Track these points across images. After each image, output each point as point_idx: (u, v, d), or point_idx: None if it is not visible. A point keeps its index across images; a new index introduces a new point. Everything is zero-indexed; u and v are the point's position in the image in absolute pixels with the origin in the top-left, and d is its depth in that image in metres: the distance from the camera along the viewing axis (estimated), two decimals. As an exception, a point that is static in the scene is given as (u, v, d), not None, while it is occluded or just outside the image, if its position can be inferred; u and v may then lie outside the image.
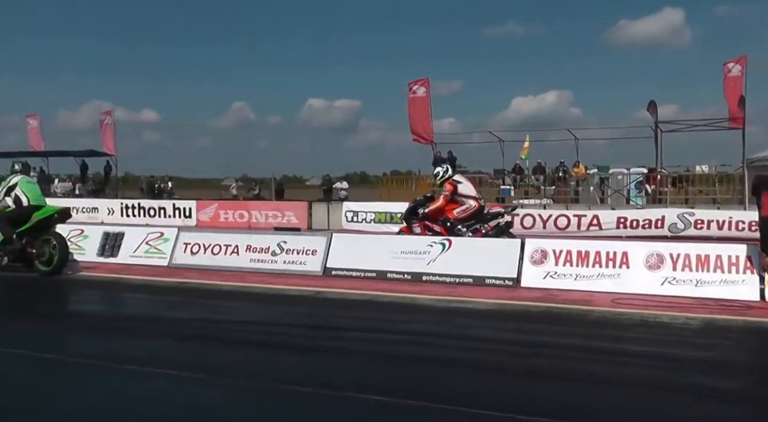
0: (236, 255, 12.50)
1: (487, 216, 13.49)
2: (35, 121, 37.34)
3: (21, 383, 5.81)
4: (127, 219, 24.94)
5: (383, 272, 11.27)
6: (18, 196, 11.84)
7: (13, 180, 12.09)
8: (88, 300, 10.39)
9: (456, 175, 13.86)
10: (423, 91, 27.33)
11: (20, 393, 5.46)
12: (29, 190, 12.04)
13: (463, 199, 13.35)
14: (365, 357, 6.41)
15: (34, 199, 11.96)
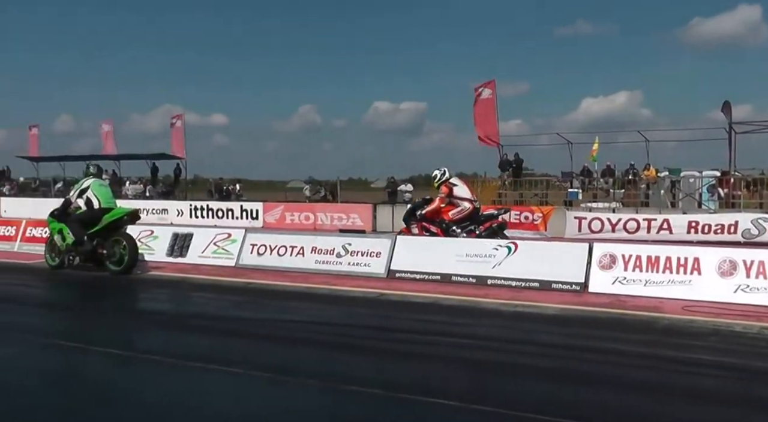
0: (301, 256, 12.65)
1: (480, 218, 14.19)
2: (108, 126, 38.54)
3: (92, 378, 6.04)
4: (195, 221, 25.52)
5: (447, 275, 11.24)
6: (89, 199, 12.25)
7: (86, 183, 12.52)
8: (156, 298, 10.66)
9: (453, 178, 14.45)
10: (489, 93, 27.14)
11: (92, 387, 5.66)
12: (101, 192, 12.43)
13: (459, 201, 14.01)
14: (430, 360, 6.39)
15: (105, 202, 12.34)
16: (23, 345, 7.08)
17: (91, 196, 12.29)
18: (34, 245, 15.46)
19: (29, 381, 5.77)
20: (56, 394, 5.42)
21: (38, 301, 10.54)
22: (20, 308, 9.61)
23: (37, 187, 40.32)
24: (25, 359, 6.56)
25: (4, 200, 33.88)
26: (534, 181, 27.11)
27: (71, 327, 8.57)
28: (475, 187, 26.37)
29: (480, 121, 27.39)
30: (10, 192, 37.93)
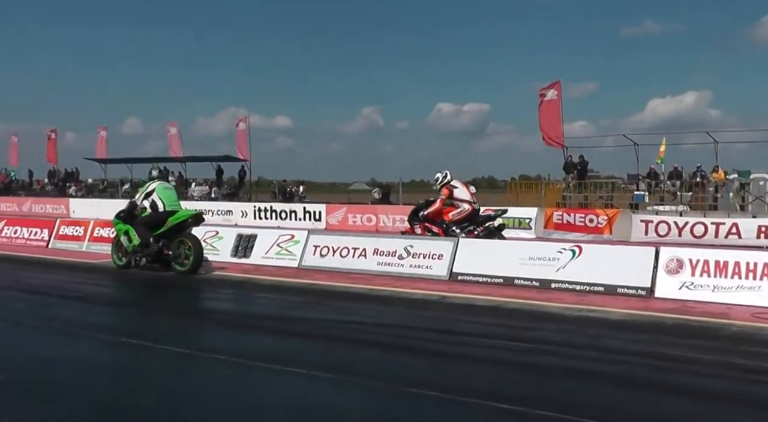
0: (364, 258, 12.70)
1: (479, 219, 14.68)
2: (175, 129, 39.34)
3: (158, 376, 6.16)
4: (259, 222, 25.85)
5: (510, 278, 11.13)
6: (155, 202, 12.56)
7: (151, 186, 12.83)
8: (221, 298, 10.84)
9: (453, 181, 15.02)
10: (554, 94, 26.79)
11: (158, 385, 5.79)
12: (165, 195, 12.72)
13: (458, 202, 14.62)
14: (493, 364, 6.35)
15: (169, 204, 12.62)
16: (92, 343, 7.30)
17: (156, 198, 12.59)
18: (102, 245, 15.91)
19: (97, 379, 5.94)
20: (123, 391, 5.56)
21: (106, 300, 10.84)
22: (89, 306, 9.91)
23: (105, 188, 41.45)
24: (93, 356, 6.75)
25: (73, 201, 34.93)
26: (599, 184, 26.63)
27: (138, 325, 8.77)
28: (538, 190, 26.27)
29: (545, 122, 27.05)
30: (78, 193, 39.08)
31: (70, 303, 10.06)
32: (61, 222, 18.22)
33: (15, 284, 11.86)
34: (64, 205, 34.33)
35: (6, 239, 18.68)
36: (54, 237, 17.61)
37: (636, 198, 25.56)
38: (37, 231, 18.24)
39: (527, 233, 20.43)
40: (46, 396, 5.34)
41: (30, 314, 8.93)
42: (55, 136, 43.96)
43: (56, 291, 11.03)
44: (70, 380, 5.85)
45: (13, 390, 5.49)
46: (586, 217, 20.19)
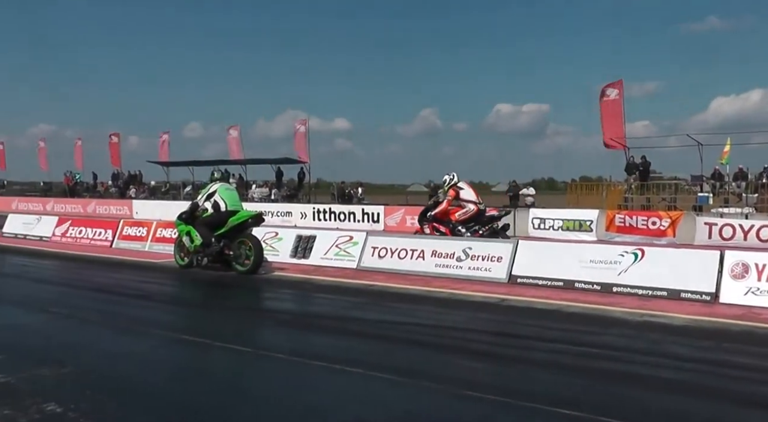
0: (422, 259, 12.68)
1: (484, 219, 15.44)
2: (236, 131, 39.94)
3: (218, 373, 6.26)
4: (318, 223, 26.08)
5: (571, 281, 10.97)
6: (217, 202, 12.79)
7: (213, 187, 13.09)
8: (280, 298, 10.95)
9: (460, 183, 15.79)
10: (616, 94, 26.36)
11: (218, 382, 5.86)
12: (227, 196, 12.93)
13: (464, 203, 15.45)
14: (553, 369, 6.25)
15: (231, 205, 12.83)
16: (154, 340, 7.45)
17: (218, 199, 12.82)
18: (164, 245, 16.25)
19: (159, 375, 6.07)
20: (183, 387, 5.66)
21: (168, 298, 11.07)
22: (152, 304, 10.13)
23: (167, 191, 42.30)
24: (155, 353, 6.88)
25: (136, 202, 35.78)
26: (662, 185, 26.07)
27: (199, 323, 8.93)
28: (599, 191, 25.85)
29: (606, 122, 26.64)
30: (140, 195, 39.98)
31: (133, 301, 10.30)
32: (124, 222, 18.68)
33: (80, 282, 12.22)
34: (127, 207, 35.21)
35: (71, 239, 19.24)
36: (118, 238, 18.07)
37: (700, 200, 24.94)
38: (101, 232, 18.74)
39: (588, 235, 20.17)
40: (108, 389, 5.46)
41: (95, 311, 9.16)
42: (118, 140, 45.09)
43: (120, 289, 11.31)
44: (133, 375, 5.98)
45: (77, 383, 5.63)
46: (648, 220, 19.79)
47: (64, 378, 5.83)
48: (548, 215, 21.79)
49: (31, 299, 10.20)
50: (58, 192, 46.72)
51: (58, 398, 5.16)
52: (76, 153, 47.13)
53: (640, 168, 26.48)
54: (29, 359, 6.40)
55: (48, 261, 15.57)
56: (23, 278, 13.10)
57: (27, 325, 8.24)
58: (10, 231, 21.43)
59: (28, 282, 12.48)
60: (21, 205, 40.49)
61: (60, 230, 19.99)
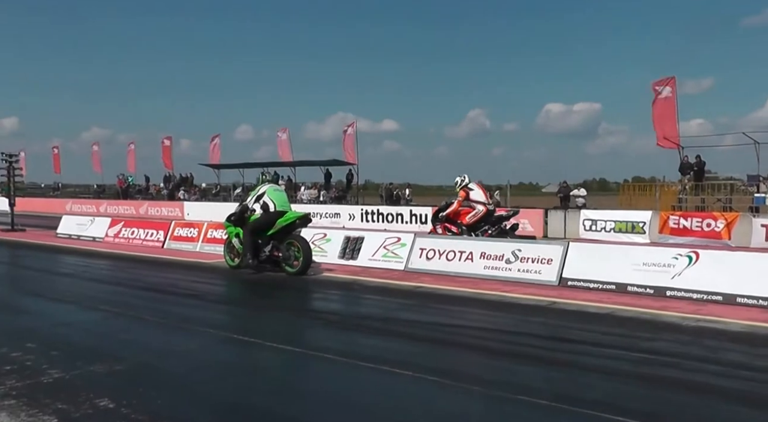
0: (470, 261, 12.62)
1: (492, 219, 16.10)
2: (285, 134, 40.27)
3: (267, 372, 6.34)
4: (366, 225, 26.18)
5: (623, 285, 10.79)
6: (266, 203, 12.93)
7: (262, 189, 13.28)
8: (328, 299, 11.00)
9: (470, 184, 16.45)
10: (669, 91, 25.83)
11: (267, 381, 5.93)
12: (276, 197, 13.06)
13: (474, 203, 16.11)
14: (606, 375, 6.14)
15: (279, 205, 12.95)
16: (205, 338, 7.54)
17: (267, 200, 12.95)
18: (215, 245, 16.47)
19: (210, 373, 6.14)
20: (233, 386, 5.71)
21: (218, 298, 11.21)
22: (203, 304, 10.26)
23: (218, 192, 42.89)
24: (205, 351, 6.97)
25: (187, 204, 36.35)
26: (717, 185, 25.50)
27: (248, 323, 9.03)
28: (652, 192, 25.41)
29: (659, 121, 26.12)
30: (191, 197, 40.59)
31: (184, 300, 10.46)
32: (176, 224, 18.97)
33: (133, 282, 12.44)
34: (178, 208, 35.78)
35: (124, 240, 19.63)
36: (169, 238, 18.37)
37: (756, 200, 24.25)
38: (153, 233, 19.08)
39: (641, 237, 19.85)
40: (159, 386, 5.55)
41: (147, 310, 9.31)
42: (170, 143, 45.85)
43: (172, 288, 11.50)
44: (184, 373, 6.08)
45: (130, 380, 5.74)
46: (703, 222, 19.38)
47: (117, 374, 5.95)
48: (600, 217, 21.52)
49: (84, 298, 10.42)
50: (111, 194, 47.81)
51: (111, 394, 5.27)
52: (129, 156, 48.15)
53: (695, 168, 25.89)
54: (83, 356, 6.54)
55: (101, 261, 15.89)
56: (77, 277, 13.41)
57: (81, 323, 8.43)
58: (64, 232, 21.95)
59: (81, 281, 12.76)
60: (75, 207, 41.53)
61: (113, 231, 20.41)
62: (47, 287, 11.76)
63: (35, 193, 53.42)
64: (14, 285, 12.49)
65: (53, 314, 9.22)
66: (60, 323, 8.41)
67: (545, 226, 22.74)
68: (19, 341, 7.14)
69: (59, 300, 10.36)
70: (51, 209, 40.98)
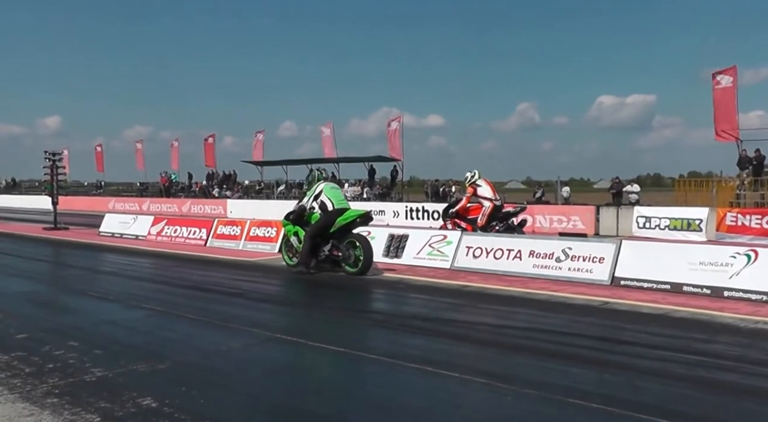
0: (518, 260, 12.54)
1: (500, 215, 16.68)
2: (328, 130, 40.52)
3: (311, 372, 6.40)
4: (411, 222, 26.22)
5: (678, 284, 10.61)
6: (324, 202, 12.94)
7: (319, 187, 13.25)
8: (373, 298, 11.05)
9: (479, 180, 16.98)
10: (729, 81, 25.25)
11: (311, 382, 5.97)
12: (333, 195, 13.09)
13: (482, 199, 16.74)
14: (661, 378, 6.03)
15: (338, 204, 12.98)
16: (250, 337, 7.61)
17: (324, 199, 12.97)
18: (258, 243, 16.70)
19: (254, 372, 6.20)
20: (277, 386, 5.76)
21: (262, 297, 11.26)
22: (247, 302, 10.36)
23: (261, 190, 43.27)
24: (249, 351, 7.03)
25: (230, 202, 36.77)
26: (777, 180, 24.96)
27: (293, 322, 9.12)
28: (709, 188, 24.93)
29: (718, 112, 25.52)
30: (234, 195, 41.04)
31: (229, 299, 10.57)
32: (218, 221, 19.22)
33: (176, 280, 12.63)
34: (221, 206, 36.22)
35: (167, 238, 19.95)
36: (212, 236, 18.62)
37: (822, 197, 23.74)
38: (196, 231, 19.37)
39: (697, 235, 19.54)
40: (203, 385, 5.63)
41: (191, 308, 9.43)
42: (213, 141, 46.46)
43: (215, 287, 11.62)
44: (227, 372, 6.14)
45: (173, 379, 5.83)
46: (762, 219, 18.97)
47: (160, 373, 6.05)
48: (654, 213, 21.24)
49: (127, 296, 10.60)
50: (153, 192, 48.62)
51: (154, 393, 5.35)
52: (173, 153, 48.95)
53: (754, 162, 25.28)
54: (126, 354, 6.66)
55: (144, 260, 16.16)
56: (120, 275, 13.64)
57: (124, 321, 8.57)
58: (107, 231, 22.37)
59: (124, 279, 12.99)
60: (118, 205, 42.37)
61: (155, 229, 20.76)
62: (90, 285, 11.98)
63: (78, 192, 54.57)
64: (57, 284, 12.75)
65: (96, 312, 9.39)
66: (103, 321, 8.56)
67: (597, 224, 22.54)
68: (62, 339, 7.31)
69: (102, 298, 10.55)
70: (94, 207, 41.87)
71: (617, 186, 31.69)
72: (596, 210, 23.18)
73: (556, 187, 31.59)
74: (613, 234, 21.01)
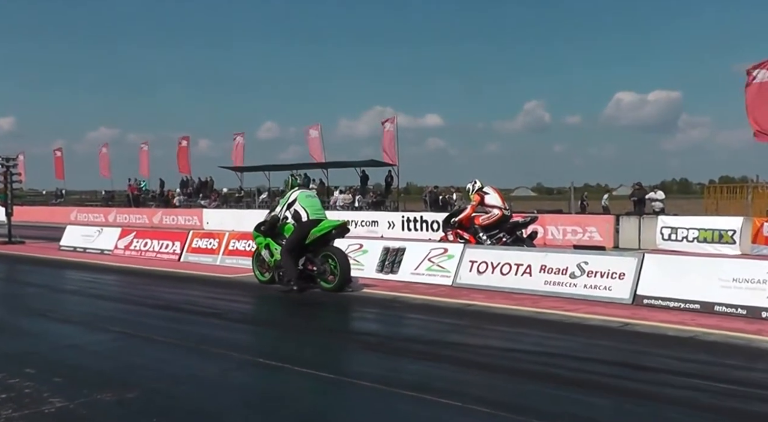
0: (528, 275, 12.55)
1: (508, 226, 16.87)
2: (316, 131, 40.49)
3: (297, 401, 6.36)
4: (408, 234, 26.22)
5: (709, 304, 10.60)
6: (297, 211, 12.93)
7: (293, 195, 13.22)
8: (366, 318, 11.07)
9: (485, 187, 17.21)
10: (765, 75, 25.34)
11: (297, 411, 5.95)
12: (308, 204, 13.05)
13: (489, 208, 16.93)
14: (690, 409, 6.00)
15: (313, 214, 12.95)
16: (228, 362, 7.59)
17: (298, 208, 12.95)
18: (238, 258, 16.67)
19: (232, 401, 6.16)
20: (259, 417, 5.76)
21: (242, 317, 11.28)
22: (225, 323, 10.34)
23: (241, 198, 43.28)
24: (228, 377, 7.02)
25: (206, 212, 36.75)
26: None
27: (276, 345, 9.10)
28: (743, 194, 25.00)
29: (754, 110, 25.50)
30: (211, 204, 41.01)
31: (204, 319, 10.55)
32: (194, 234, 19.20)
33: (147, 299, 12.62)
34: (197, 216, 36.21)
35: (136, 252, 19.94)
36: (186, 250, 18.62)
37: None
38: (168, 244, 19.35)
39: (730, 248, 19.53)
40: (176, 417, 5.62)
41: (163, 330, 9.42)
42: (188, 144, 46.46)
43: (190, 306, 11.63)
44: (203, 401, 6.14)
45: (142, 410, 5.81)
46: (803, 230, 19.03)
47: (128, 403, 6.02)
48: (681, 224, 21.24)
49: (92, 317, 10.59)
50: (121, 201, 48.59)
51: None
52: (142, 158, 48.92)
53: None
54: (90, 382, 6.64)
55: (110, 277, 16.15)
56: (83, 294, 13.62)
57: (87, 345, 8.55)
58: (69, 245, 22.34)
59: (88, 298, 12.98)
60: (80, 216, 42.30)
61: (123, 243, 20.72)
62: (49, 305, 11.96)
63: (35, 201, 54.55)
64: (12, 304, 12.69)
65: (56, 335, 9.38)
66: (64, 345, 8.55)
67: (616, 235, 22.55)
68: (18, 366, 7.27)
69: (63, 320, 10.54)
70: (53, 219, 41.73)
71: (639, 193, 31.75)
72: (615, 220, 23.19)
73: (570, 194, 31.66)
74: (635, 247, 21.03)
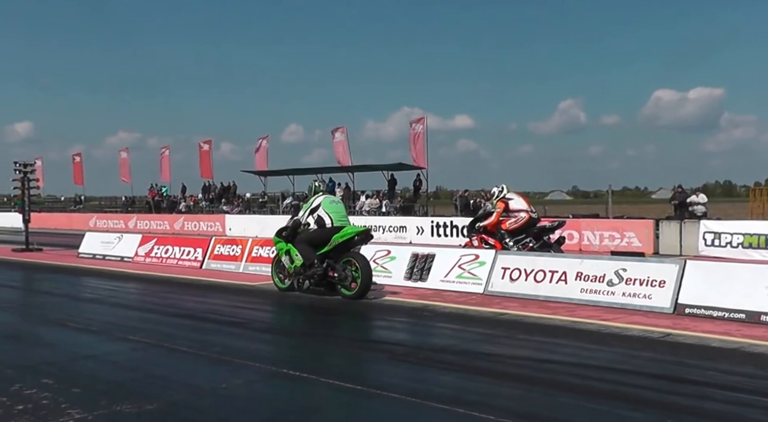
0: (564, 283, 12.49)
1: (534, 231, 17.11)
2: (342, 134, 40.53)
3: (324, 414, 6.36)
4: (437, 240, 26.19)
5: (756, 313, 10.47)
6: (321, 217, 13.03)
7: (317, 201, 13.34)
8: (393, 327, 11.03)
9: (509, 193, 17.57)
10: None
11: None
12: (332, 210, 13.17)
13: (515, 213, 17.24)
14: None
15: (337, 220, 13.07)
16: (251, 373, 7.61)
17: (322, 214, 13.06)
18: (261, 265, 16.70)
19: (256, 414, 6.20)
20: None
21: (266, 326, 11.34)
22: (248, 333, 10.40)
23: (264, 203, 43.42)
24: (251, 389, 7.04)
25: (229, 217, 36.88)
26: None
27: (301, 355, 9.09)
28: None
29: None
30: (234, 210, 41.17)
31: (227, 328, 10.59)
32: (216, 240, 19.31)
33: (168, 308, 12.69)
34: (219, 222, 36.37)
35: (156, 259, 20.06)
36: (208, 257, 18.70)
37: None
38: (190, 251, 19.45)
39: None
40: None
41: (184, 340, 9.46)
42: (210, 148, 46.68)
43: (212, 315, 11.66)
44: (226, 413, 6.14)
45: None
46: None
47: (148, 415, 6.05)
48: (725, 228, 21.06)
49: (111, 326, 10.66)
50: (141, 207, 48.92)
51: (141, 439, 5.35)
52: (163, 164, 49.20)
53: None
54: (109, 393, 6.68)
55: (130, 285, 16.27)
56: (103, 303, 13.72)
57: (107, 355, 8.61)
58: (88, 252, 22.55)
59: (107, 307, 13.07)
60: (100, 223, 42.62)
61: (143, 249, 20.88)
62: (68, 314, 12.03)
63: (54, 208, 55.15)
64: (29, 313, 12.85)
65: (75, 345, 9.46)
66: (82, 356, 8.61)
67: (656, 241, 22.41)
68: (35, 376, 7.35)
69: (82, 329, 10.62)
70: (72, 225, 42.22)
71: (680, 196, 31.46)
72: (655, 224, 23.03)
73: (607, 198, 31.43)
74: (676, 254, 20.86)
